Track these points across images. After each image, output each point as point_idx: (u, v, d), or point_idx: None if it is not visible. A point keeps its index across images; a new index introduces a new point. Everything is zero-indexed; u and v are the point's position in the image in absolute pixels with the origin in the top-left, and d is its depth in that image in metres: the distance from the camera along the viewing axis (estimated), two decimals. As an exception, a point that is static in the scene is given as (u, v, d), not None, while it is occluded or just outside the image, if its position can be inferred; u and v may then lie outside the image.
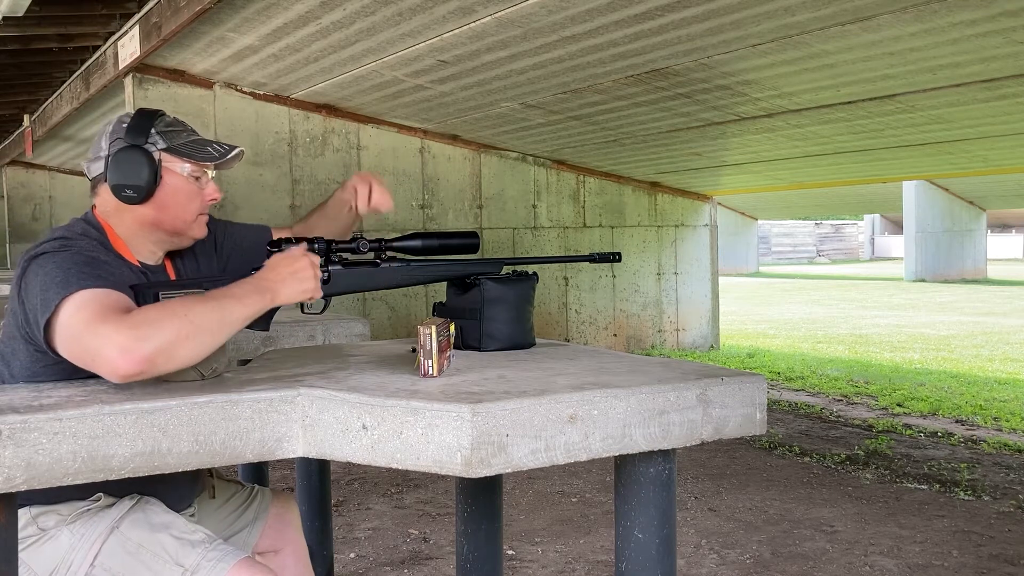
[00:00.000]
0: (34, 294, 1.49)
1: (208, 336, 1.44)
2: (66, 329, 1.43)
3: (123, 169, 1.64)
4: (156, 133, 1.68)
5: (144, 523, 1.58)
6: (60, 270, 1.48)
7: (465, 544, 1.99)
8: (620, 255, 1.99)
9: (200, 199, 1.73)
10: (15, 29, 5.65)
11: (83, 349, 1.41)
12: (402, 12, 4.59)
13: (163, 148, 1.68)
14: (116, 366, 1.36)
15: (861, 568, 3.39)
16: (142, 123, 1.68)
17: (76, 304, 1.43)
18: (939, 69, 4.84)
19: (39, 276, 1.49)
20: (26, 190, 12.51)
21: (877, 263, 32.42)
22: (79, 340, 1.41)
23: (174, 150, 1.69)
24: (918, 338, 10.72)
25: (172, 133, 1.70)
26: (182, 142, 1.71)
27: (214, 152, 1.73)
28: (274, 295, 1.56)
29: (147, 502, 1.62)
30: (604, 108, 6.26)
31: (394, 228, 7.31)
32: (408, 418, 1.29)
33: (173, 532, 1.57)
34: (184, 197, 1.70)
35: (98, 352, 1.38)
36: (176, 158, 1.69)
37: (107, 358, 1.37)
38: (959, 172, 9.01)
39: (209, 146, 1.73)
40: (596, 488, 4.47)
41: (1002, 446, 5.28)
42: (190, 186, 1.71)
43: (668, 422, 1.38)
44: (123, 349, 1.36)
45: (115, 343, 1.37)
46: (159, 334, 1.38)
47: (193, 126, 1.81)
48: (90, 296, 1.44)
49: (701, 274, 9.62)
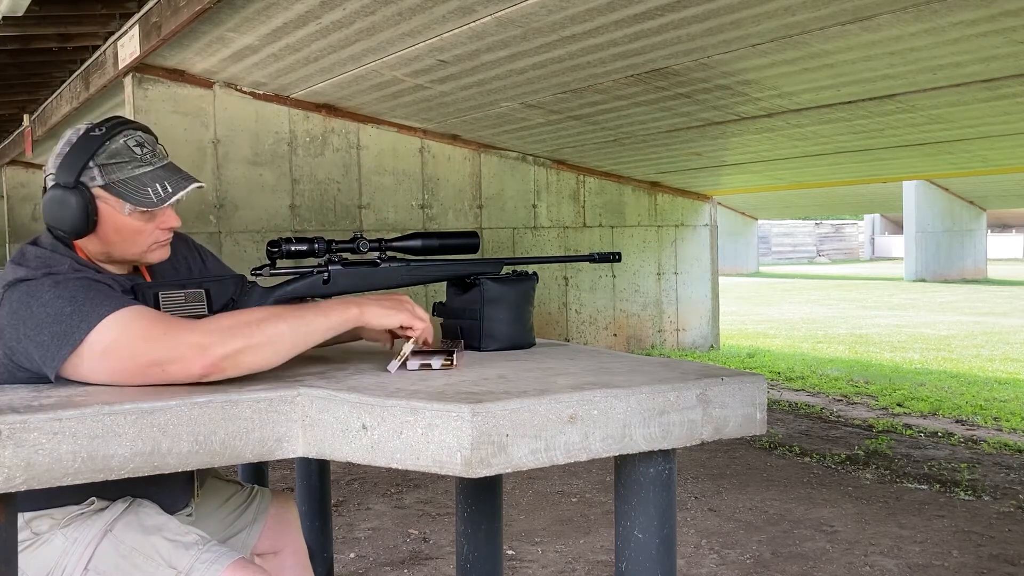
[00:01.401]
0: (30, 327, 1.42)
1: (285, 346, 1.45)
2: (111, 350, 1.40)
3: (51, 210, 1.53)
4: (95, 167, 1.53)
5: (137, 526, 1.57)
6: (65, 301, 1.42)
7: (465, 544, 1.99)
8: (620, 255, 1.99)
9: (149, 232, 1.60)
10: (15, 29, 5.65)
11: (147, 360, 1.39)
12: (402, 12, 4.59)
13: (100, 185, 1.54)
14: (189, 366, 1.37)
15: (861, 568, 3.39)
16: (79, 155, 1.53)
17: (117, 325, 1.40)
18: (939, 69, 4.84)
19: (32, 308, 1.43)
20: (26, 190, 12.51)
21: (877, 263, 32.42)
22: (136, 355, 1.39)
23: (111, 188, 1.54)
24: (918, 338, 10.72)
25: (113, 167, 1.54)
26: (122, 178, 1.54)
27: (152, 196, 1.55)
28: (362, 311, 1.53)
29: (140, 504, 1.61)
30: (604, 108, 6.26)
31: (394, 228, 7.32)
32: (408, 418, 1.29)
33: (166, 534, 1.57)
34: (127, 234, 1.57)
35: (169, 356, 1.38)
36: (114, 196, 1.54)
37: (182, 357, 1.37)
38: (959, 172, 9.02)
39: (153, 186, 1.55)
40: (596, 488, 4.47)
41: (1002, 446, 5.28)
42: (134, 223, 1.57)
43: (668, 422, 1.38)
44: (200, 349, 1.37)
45: (191, 343, 1.38)
46: (236, 340, 1.40)
47: (194, 126, 1.79)
48: (128, 314, 1.42)
49: (701, 274, 9.62)
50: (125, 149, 1.56)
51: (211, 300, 1.64)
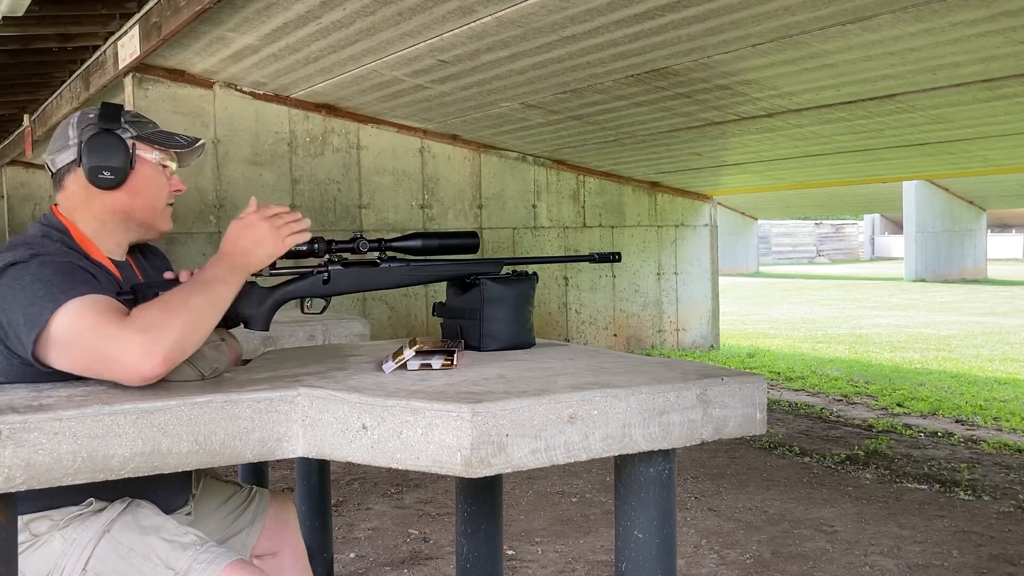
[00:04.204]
0: (13, 309, 1.45)
1: (209, 322, 1.48)
2: (66, 339, 1.41)
3: (99, 152, 1.65)
4: (125, 122, 1.71)
5: (134, 526, 1.57)
6: (41, 283, 1.44)
7: (465, 544, 1.99)
8: (620, 255, 1.99)
9: (168, 188, 1.76)
10: (15, 29, 5.65)
11: (93, 356, 1.39)
12: (402, 12, 4.59)
13: (134, 136, 1.70)
14: (139, 369, 1.36)
15: (861, 568, 3.39)
16: (111, 112, 1.70)
17: (72, 313, 1.41)
18: (939, 69, 4.84)
19: (15, 291, 1.45)
20: (26, 190, 12.49)
21: (877, 263, 32.42)
22: (86, 348, 1.39)
23: (144, 138, 1.72)
24: (918, 338, 10.72)
25: (139, 123, 1.74)
26: (150, 131, 1.74)
27: (181, 140, 1.76)
28: (247, 268, 1.61)
29: (138, 505, 1.61)
30: (604, 108, 6.26)
31: (394, 228, 7.32)
32: (408, 418, 1.29)
33: (163, 535, 1.56)
34: (155, 185, 1.73)
35: (113, 357, 1.37)
36: (146, 145, 1.72)
37: (126, 362, 1.36)
38: (959, 172, 9.02)
39: (174, 136, 1.77)
40: (596, 488, 4.47)
41: (1002, 446, 5.28)
42: (160, 174, 1.74)
43: (668, 422, 1.38)
44: (144, 351, 1.36)
45: (133, 345, 1.36)
46: (171, 331, 1.39)
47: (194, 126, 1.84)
48: (86, 303, 1.42)
49: (701, 274, 9.62)
50: (140, 115, 1.77)
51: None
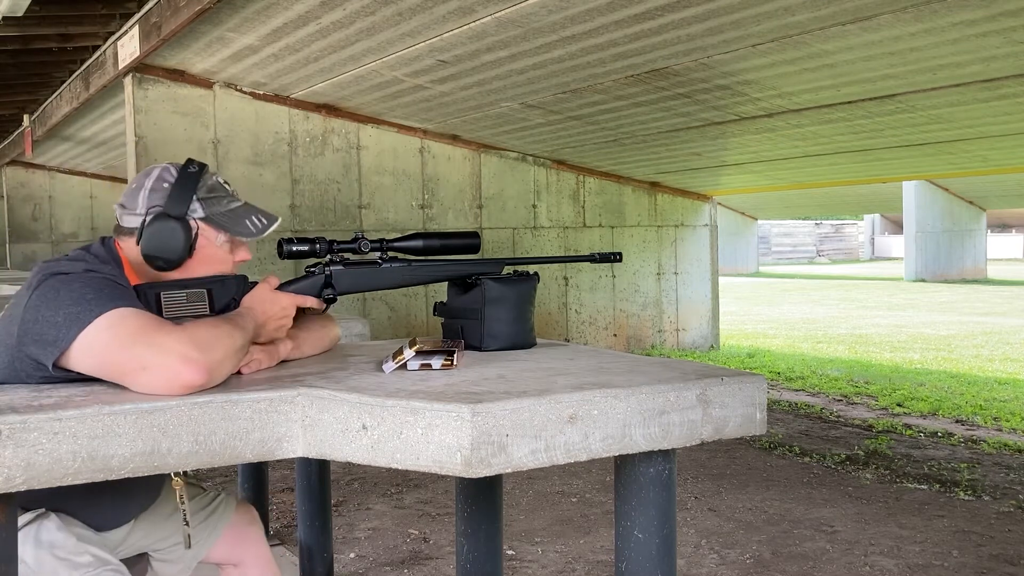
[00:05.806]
0: (50, 308, 1.44)
1: (239, 357, 1.50)
2: (105, 340, 1.40)
3: (158, 241, 1.61)
4: (197, 200, 1.64)
5: (32, 539, 1.55)
6: (91, 289, 1.45)
7: (465, 544, 1.99)
8: (621, 255, 1.99)
9: (230, 264, 1.71)
10: (15, 29, 5.65)
11: (130, 357, 1.38)
12: (402, 12, 4.59)
13: (201, 217, 1.65)
14: (178, 373, 1.36)
15: (861, 568, 3.39)
16: (184, 190, 1.63)
17: (117, 318, 1.41)
18: (939, 69, 4.84)
19: (59, 293, 1.45)
20: (26, 190, 12.49)
21: (877, 263, 32.42)
22: (125, 349, 1.39)
23: (212, 220, 1.66)
24: (918, 338, 10.72)
25: (213, 200, 1.67)
26: (222, 211, 1.67)
27: (251, 228, 1.69)
28: (258, 336, 1.61)
29: (46, 517, 1.58)
30: (604, 108, 6.26)
31: (394, 228, 7.31)
32: (408, 418, 1.29)
33: (57, 552, 1.54)
34: (216, 264, 1.68)
35: (153, 361, 1.36)
36: (213, 228, 1.66)
37: (167, 366, 1.36)
38: (959, 172, 9.02)
39: (249, 218, 1.70)
40: (596, 488, 4.47)
41: (1002, 446, 5.28)
42: (223, 253, 1.69)
43: (668, 422, 1.38)
44: (186, 358, 1.36)
45: (176, 352, 1.37)
46: (215, 349, 1.41)
47: (194, 126, 1.81)
48: (131, 312, 1.43)
49: (701, 274, 9.62)
50: (219, 186, 1.70)
51: (212, 300, 1.64)
